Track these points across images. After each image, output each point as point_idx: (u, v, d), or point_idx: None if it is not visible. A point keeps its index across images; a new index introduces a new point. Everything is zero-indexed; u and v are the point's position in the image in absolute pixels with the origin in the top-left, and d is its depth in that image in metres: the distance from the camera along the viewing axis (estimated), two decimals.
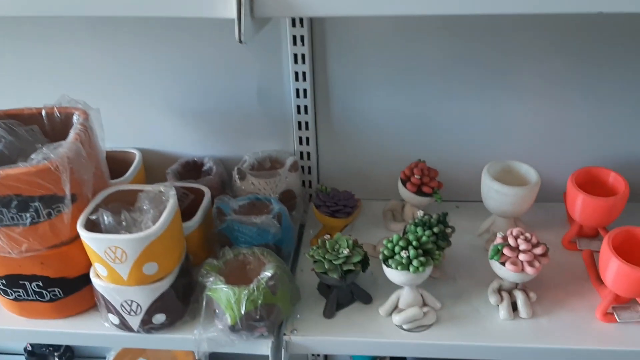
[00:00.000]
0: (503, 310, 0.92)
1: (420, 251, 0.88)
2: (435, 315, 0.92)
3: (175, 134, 1.19)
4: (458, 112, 1.12)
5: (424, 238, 0.90)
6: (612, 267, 0.86)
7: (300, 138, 1.16)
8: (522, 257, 0.87)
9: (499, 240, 0.90)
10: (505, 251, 0.88)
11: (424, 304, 0.93)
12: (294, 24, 1.03)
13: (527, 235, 0.89)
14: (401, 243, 0.89)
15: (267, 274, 0.87)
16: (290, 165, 1.12)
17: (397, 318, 0.91)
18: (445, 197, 1.16)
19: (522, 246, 0.88)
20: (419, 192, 1.07)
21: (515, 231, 0.90)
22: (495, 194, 1.01)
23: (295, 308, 0.96)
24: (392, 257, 0.89)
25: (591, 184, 1.02)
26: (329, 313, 0.94)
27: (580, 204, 0.99)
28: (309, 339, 0.91)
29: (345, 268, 0.90)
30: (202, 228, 1.01)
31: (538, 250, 0.88)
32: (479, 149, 1.14)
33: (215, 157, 1.19)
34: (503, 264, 0.89)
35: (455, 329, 0.92)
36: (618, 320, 0.90)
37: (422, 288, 0.94)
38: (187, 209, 1.03)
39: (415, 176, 1.06)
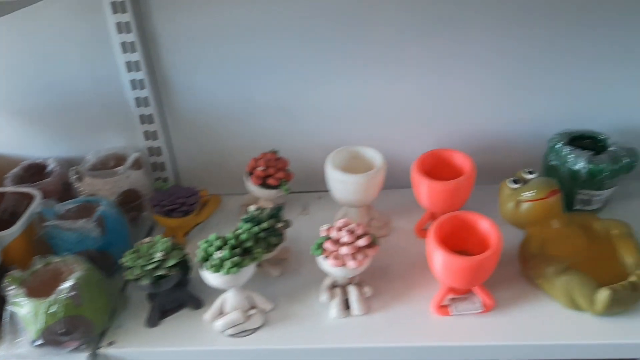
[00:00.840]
0: (334, 309, 0.86)
1: (237, 250, 0.81)
2: (262, 317, 0.86)
3: (18, 136, 1.12)
4: (315, 97, 1.06)
5: (243, 235, 0.83)
6: (437, 257, 0.80)
7: (147, 132, 1.08)
8: (343, 250, 0.81)
9: (323, 233, 0.83)
10: (327, 245, 0.82)
11: (253, 306, 0.86)
12: (114, 10, 0.95)
13: (352, 226, 0.83)
14: (217, 242, 0.82)
15: (68, 284, 0.80)
16: (132, 163, 1.05)
17: (218, 324, 0.85)
18: (308, 188, 1.10)
19: (344, 239, 0.81)
20: (265, 184, 0.99)
21: (340, 222, 0.83)
22: (338, 184, 0.94)
23: (120, 318, 0.89)
24: (208, 259, 0.82)
25: (440, 167, 0.96)
26: (151, 322, 0.87)
27: (425, 190, 0.93)
28: (127, 351, 0.85)
29: (156, 274, 0.83)
30: (26, 236, 0.94)
31: (362, 242, 0.81)
32: (337, 135, 1.08)
33: (62, 159, 1.12)
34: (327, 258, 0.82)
35: (284, 331, 0.85)
36: (452, 313, 0.83)
37: (251, 289, 0.87)
38: None
39: (259, 168, 0.99)
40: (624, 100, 1.03)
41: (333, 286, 0.88)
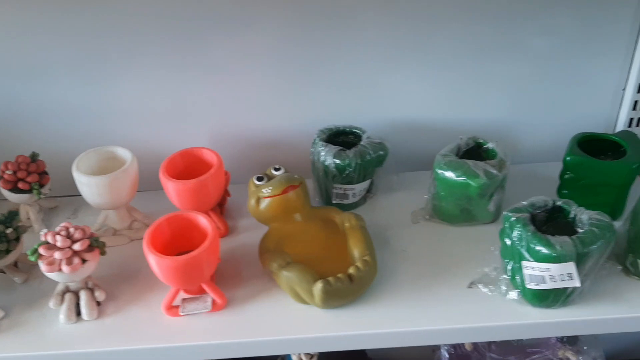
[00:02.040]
0: (62, 315, 0.83)
1: None
2: None
3: None
4: (91, 99, 1.04)
5: None
6: (150, 260, 0.78)
7: None
8: (57, 255, 0.78)
9: (42, 237, 0.81)
10: (42, 250, 0.79)
11: None
12: None
13: (71, 230, 0.80)
14: None
15: None
16: None
17: None
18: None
19: (59, 243, 0.79)
20: (16, 189, 0.96)
21: (60, 226, 0.81)
22: (83, 187, 0.93)
23: None
24: None
25: (194, 166, 0.95)
26: None
27: (172, 191, 0.92)
28: None
29: None
30: None
31: (77, 247, 0.79)
32: (111, 137, 1.06)
33: None
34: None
35: (11, 339, 0.83)
36: (181, 313, 0.82)
37: None
38: None
39: (7, 172, 0.95)
40: (390, 97, 1.04)
41: (67, 291, 0.85)
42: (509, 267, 0.82)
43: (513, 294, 0.82)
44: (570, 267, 0.75)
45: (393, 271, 0.89)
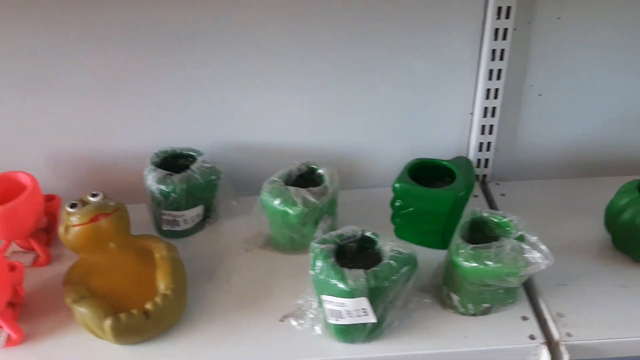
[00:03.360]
0: None
1: None
2: None
3: None
4: None
5: None
6: None
7: None
8: None
9: None
10: None
11: None
12: None
13: None
14: None
15: None
16: None
17: None
18: None
19: None
20: None
21: None
22: None
23: None
24: None
25: (17, 190, 0.90)
26: None
27: None
28: None
29: None
30: None
31: None
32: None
33: None
34: None
35: None
36: None
37: None
38: None
39: None
40: (236, 120, 1.03)
41: None
42: (316, 301, 0.78)
43: (318, 329, 0.78)
44: (364, 302, 0.72)
45: (210, 303, 0.85)
